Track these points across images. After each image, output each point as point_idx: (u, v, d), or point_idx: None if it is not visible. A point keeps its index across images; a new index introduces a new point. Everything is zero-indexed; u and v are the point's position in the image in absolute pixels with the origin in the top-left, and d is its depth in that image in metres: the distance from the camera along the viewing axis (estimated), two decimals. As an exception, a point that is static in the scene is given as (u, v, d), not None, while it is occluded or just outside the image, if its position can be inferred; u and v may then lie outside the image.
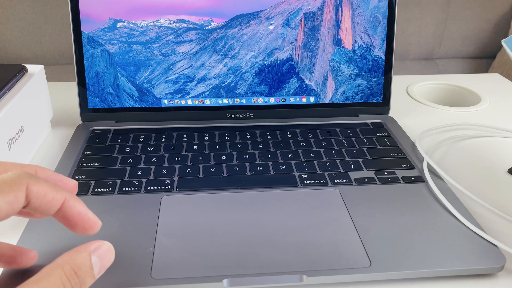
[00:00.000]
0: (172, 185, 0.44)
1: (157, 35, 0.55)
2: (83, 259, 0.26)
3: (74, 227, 0.28)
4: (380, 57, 0.57)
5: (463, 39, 1.23)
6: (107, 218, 0.39)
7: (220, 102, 0.57)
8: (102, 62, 0.55)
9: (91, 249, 0.26)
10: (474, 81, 0.75)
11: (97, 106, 0.56)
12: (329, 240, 0.37)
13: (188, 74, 0.56)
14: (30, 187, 0.25)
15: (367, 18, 0.56)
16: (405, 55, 1.24)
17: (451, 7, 1.19)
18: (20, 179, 0.25)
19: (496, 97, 0.70)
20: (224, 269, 0.34)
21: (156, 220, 0.39)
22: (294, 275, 0.34)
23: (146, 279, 0.33)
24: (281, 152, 0.51)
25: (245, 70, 0.57)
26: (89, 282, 0.26)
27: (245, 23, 0.56)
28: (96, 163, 0.48)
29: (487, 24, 1.22)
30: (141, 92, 0.56)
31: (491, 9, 1.20)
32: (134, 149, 0.51)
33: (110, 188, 0.44)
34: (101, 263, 0.27)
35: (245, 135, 0.54)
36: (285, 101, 0.58)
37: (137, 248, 0.36)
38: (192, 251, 0.36)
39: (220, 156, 0.50)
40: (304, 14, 0.56)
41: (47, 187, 0.26)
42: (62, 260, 0.25)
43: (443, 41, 1.23)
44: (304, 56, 0.57)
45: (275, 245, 0.37)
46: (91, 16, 0.53)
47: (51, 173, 0.31)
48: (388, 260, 0.35)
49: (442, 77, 0.78)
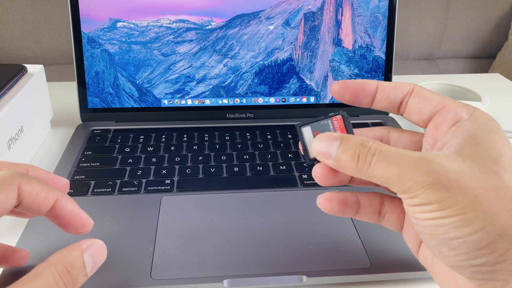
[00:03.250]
0: (172, 185, 0.44)
1: (157, 35, 0.55)
2: (76, 257, 0.25)
3: (66, 226, 0.28)
4: (380, 57, 0.57)
5: (463, 39, 1.23)
6: (107, 218, 0.39)
7: (220, 102, 0.57)
8: (102, 62, 0.55)
9: (84, 247, 0.26)
10: (475, 81, 0.75)
11: (97, 106, 0.56)
12: (329, 241, 0.37)
13: (188, 74, 0.56)
14: (21, 187, 0.26)
15: (367, 18, 0.56)
16: (405, 55, 1.23)
17: (451, 7, 1.19)
18: (11, 179, 0.25)
19: (497, 97, 0.70)
20: (224, 269, 0.34)
21: (156, 221, 0.39)
22: (294, 276, 0.34)
23: (146, 279, 0.33)
24: (281, 152, 0.51)
25: (245, 70, 0.57)
26: (82, 280, 0.26)
27: (245, 23, 0.56)
28: (96, 163, 0.48)
29: (487, 24, 1.22)
30: (141, 92, 0.56)
31: (491, 9, 1.20)
32: (134, 149, 0.51)
33: (110, 188, 0.44)
34: (94, 261, 0.26)
35: (245, 135, 0.54)
36: (285, 101, 0.58)
37: (137, 248, 0.36)
38: (192, 252, 0.36)
39: (220, 156, 0.49)
40: (304, 14, 0.56)
41: (39, 187, 0.26)
42: (55, 258, 0.25)
43: (443, 41, 1.23)
44: (304, 56, 0.57)
45: (275, 245, 0.36)
46: (91, 16, 0.53)
47: (43, 172, 0.31)
48: (388, 260, 0.35)
49: (443, 77, 0.78)
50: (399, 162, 0.24)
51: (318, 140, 0.27)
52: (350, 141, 0.26)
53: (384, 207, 0.30)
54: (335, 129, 0.28)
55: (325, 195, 0.30)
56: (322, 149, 0.27)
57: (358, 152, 0.25)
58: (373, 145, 0.25)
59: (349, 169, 0.26)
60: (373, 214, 0.30)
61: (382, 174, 0.24)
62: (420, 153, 0.24)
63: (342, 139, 0.26)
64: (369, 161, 0.25)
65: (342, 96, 0.29)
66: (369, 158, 0.25)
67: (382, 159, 0.24)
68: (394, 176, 0.24)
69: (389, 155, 0.25)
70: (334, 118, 0.29)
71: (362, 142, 0.26)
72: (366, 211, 0.30)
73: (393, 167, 0.24)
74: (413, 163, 0.24)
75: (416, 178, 0.23)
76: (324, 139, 0.27)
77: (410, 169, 0.24)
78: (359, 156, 0.25)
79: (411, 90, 0.29)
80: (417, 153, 0.24)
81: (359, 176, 0.26)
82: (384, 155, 0.25)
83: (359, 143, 0.26)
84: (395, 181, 0.24)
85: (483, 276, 0.23)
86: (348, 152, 0.26)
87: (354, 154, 0.25)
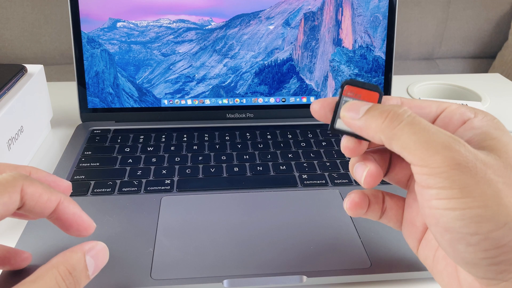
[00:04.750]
0: (172, 185, 0.44)
1: (157, 35, 0.55)
2: (78, 260, 0.26)
3: (68, 228, 0.28)
4: (380, 57, 0.57)
5: (463, 39, 1.23)
6: (107, 219, 0.39)
7: (220, 102, 0.57)
8: (101, 62, 0.55)
9: (86, 249, 0.26)
10: (475, 81, 0.75)
11: (96, 106, 0.56)
12: (329, 241, 0.37)
13: (188, 74, 0.56)
14: (24, 189, 0.26)
15: (368, 18, 0.56)
16: (406, 55, 1.23)
17: (451, 7, 1.19)
18: (14, 181, 0.25)
19: (497, 97, 0.70)
20: (224, 269, 0.34)
21: (156, 221, 0.39)
22: (294, 276, 0.34)
23: (146, 279, 0.33)
24: (281, 152, 0.51)
25: (245, 70, 0.57)
26: (84, 282, 0.26)
27: (245, 23, 0.56)
28: (95, 163, 0.48)
29: (487, 24, 1.22)
30: (141, 92, 0.56)
31: (491, 9, 1.20)
32: (134, 149, 0.51)
33: (110, 188, 0.44)
34: (96, 263, 0.27)
35: (245, 135, 0.54)
36: (285, 101, 0.58)
37: (137, 248, 0.36)
38: (192, 252, 0.36)
39: (220, 156, 0.49)
40: (304, 14, 0.56)
41: (42, 189, 0.26)
42: (57, 260, 0.25)
43: (444, 41, 1.23)
44: (304, 56, 0.57)
45: (275, 245, 0.36)
46: (91, 16, 0.53)
47: (45, 174, 0.31)
48: (388, 261, 0.35)
49: (443, 77, 0.78)
50: (432, 131, 0.23)
51: (350, 104, 0.26)
52: (382, 105, 0.25)
53: (385, 203, 0.30)
54: None
55: (351, 202, 0.30)
56: (352, 110, 0.26)
57: (389, 111, 0.24)
58: (407, 110, 0.24)
59: (373, 126, 0.25)
60: (378, 211, 0.30)
61: (409, 137, 0.23)
62: (451, 134, 0.23)
63: (374, 105, 0.26)
64: (400, 120, 0.24)
65: (324, 116, 0.28)
66: (400, 118, 0.24)
67: (416, 122, 0.23)
68: (421, 144, 0.23)
69: (423, 122, 0.23)
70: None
71: (394, 107, 0.25)
72: (373, 208, 0.30)
73: (425, 133, 0.23)
74: (446, 138, 0.23)
75: (446, 153, 0.22)
76: (357, 103, 0.26)
77: (441, 141, 0.22)
78: (389, 114, 0.24)
79: (400, 103, 0.28)
80: (449, 133, 0.23)
81: (382, 136, 0.24)
82: (418, 120, 0.24)
83: (393, 106, 0.25)
84: (421, 149, 0.23)
85: (497, 276, 0.22)
86: (378, 110, 0.25)
87: (384, 112, 0.24)
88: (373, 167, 0.27)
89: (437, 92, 0.74)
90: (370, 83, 0.27)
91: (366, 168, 0.27)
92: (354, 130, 0.26)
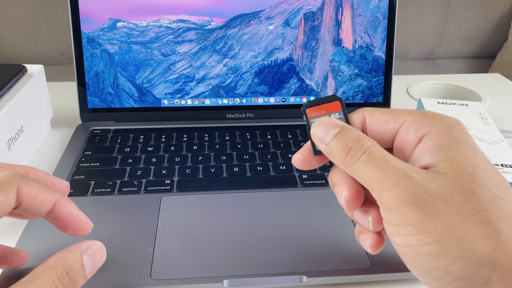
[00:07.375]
0: (172, 185, 0.44)
1: (157, 35, 0.55)
2: (75, 259, 0.25)
3: (65, 228, 0.28)
4: (380, 57, 0.57)
5: (463, 39, 1.23)
6: (106, 219, 0.39)
7: (220, 102, 0.57)
8: (101, 62, 0.55)
9: (83, 249, 0.26)
10: (475, 81, 0.75)
11: (96, 106, 0.56)
12: (329, 241, 0.37)
13: (188, 74, 0.56)
14: (21, 188, 0.25)
15: (368, 18, 0.56)
16: (406, 55, 1.23)
17: (451, 7, 1.19)
18: (10, 180, 0.25)
19: (497, 97, 0.70)
20: (224, 269, 0.34)
21: (156, 221, 0.39)
22: (294, 276, 0.34)
23: (146, 279, 0.33)
24: (281, 152, 0.51)
25: (245, 70, 0.56)
26: (81, 282, 0.26)
27: (245, 23, 0.56)
28: (95, 163, 0.48)
29: (487, 24, 1.22)
30: (141, 92, 0.56)
31: (491, 9, 1.20)
32: (134, 149, 0.51)
33: (110, 188, 0.44)
34: (93, 262, 0.26)
35: (245, 135, 0.54)
36: (285, 101, 0.58)
37: (137, 248, 0.36)
38: (192, 252, 0.36)
39: (220, 156, 0.49)
40: (304, 14, 0.56)
41: (38, 188, 0.26)
42: (53, 260, 0.25)
43: (444, 41, 1.23)
44: (304, 56, 0.57)
45: (275, 246, 0.36)
46: (91, 16, 0.53)
47: (43, 174, 0.30)
48: (388, 261, 0.35)
49: (443, 77, 0.78)
50: (383, 168, 0.23)
51: (319, 123, 0.27)
52: (348, 133, 0.26)
53: None
54: None
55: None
56: (320, 134, 0.27)
57: (350, 146, 0.25)
58: (368, 143, 0.25)
59: (337, 159, 0.26)
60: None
61: (365, 174, 0.24)
62: (406, 165, 0.24)
63: (342, 128, 0.26)
64: (358, 157, 0.24)
65: (310, 166, 0.29)
66: (359, 154, 0.24)
67: (370, 159, 0.24)
68: (375, 181, 0.23)
69: (378, 157, 0.24)
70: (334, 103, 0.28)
71: (358, 137, 0.25)
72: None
73: (377, 171, 0.23)
74: (395, 174, 0.23)
75: (394, 191, 0.23)
76: (326, 124, 0.27)
77: (391, 178, 0.23)
78: (350, 149, 0.25)
79: (363, 117, 0.28)
80: (403, 165, 0.24)
81: (345, 169, 0.26)
82: (373, 156, 0.24)
83: (356, 137, 0.25)
84: (375, 186, 0.24)
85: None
86: (342, 142, 0.25)
87: (346, 146, 0.25)
88: (347, 191, 0.27)
89: (437, 92, 0.74)
90: (325, 96, 0.28)
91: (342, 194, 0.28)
92: (323, 152, 0.27)
